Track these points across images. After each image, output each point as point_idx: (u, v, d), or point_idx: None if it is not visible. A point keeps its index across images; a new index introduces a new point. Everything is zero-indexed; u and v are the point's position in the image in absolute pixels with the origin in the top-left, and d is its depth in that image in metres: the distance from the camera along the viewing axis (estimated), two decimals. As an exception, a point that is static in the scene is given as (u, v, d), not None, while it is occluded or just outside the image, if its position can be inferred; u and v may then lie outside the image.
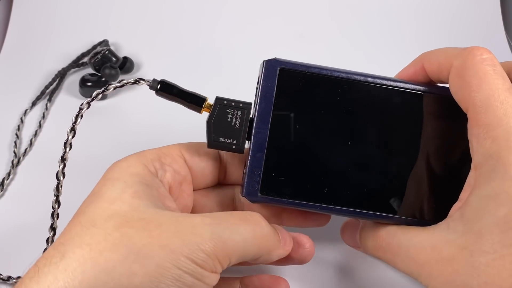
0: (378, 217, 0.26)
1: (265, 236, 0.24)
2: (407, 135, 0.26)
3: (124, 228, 0.21)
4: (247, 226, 0.23)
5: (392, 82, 0.27)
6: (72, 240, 0.21)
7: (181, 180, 0.27)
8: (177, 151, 0.27)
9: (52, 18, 0.50)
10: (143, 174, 0.24)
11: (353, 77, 0.26)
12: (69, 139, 0.27)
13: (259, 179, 0.26)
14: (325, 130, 0.26)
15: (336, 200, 0.26)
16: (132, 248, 0.20)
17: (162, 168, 0.26)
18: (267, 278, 0.28)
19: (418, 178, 0.26)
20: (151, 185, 0.24)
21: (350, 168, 0.26)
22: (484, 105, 0.22)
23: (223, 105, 0.26)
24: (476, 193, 0.22)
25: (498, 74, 0.23)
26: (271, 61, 0.26)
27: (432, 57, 0.26)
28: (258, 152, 0.26)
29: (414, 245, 0.24)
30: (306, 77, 0.26)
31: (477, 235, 0.21)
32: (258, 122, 0.26)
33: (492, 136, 0.22)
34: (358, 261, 0.32)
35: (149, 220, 0.22)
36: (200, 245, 0.21)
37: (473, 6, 0.52)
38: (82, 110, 0.27)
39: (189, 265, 0.21)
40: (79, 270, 0.20)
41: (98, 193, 0.23)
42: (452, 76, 0.24)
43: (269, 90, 0.26)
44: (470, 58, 0.23)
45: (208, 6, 0.51)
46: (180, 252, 0.21)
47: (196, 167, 0.27)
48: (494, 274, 0.20)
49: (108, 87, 0.28)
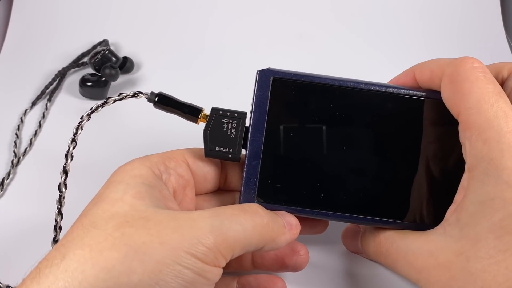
0: (375, 222, 0.26)
1: (266, 224, 0.24)
2: (402, 140, 0.27)
3: (124, 228, 0.21)
4: (246, 216, 0.23)
5: (384, 88, 0.27)
6: (73, 241, 0.21)
7: (184, 184, 0.27)
8: (181, 156, 0.27)
9: (52, 18, 0.50)
10: (146, 175, 0.24)
11: (346, 84, 0.27)
12: (70, 150, 0.27)
13: (256, 187, 0.27)
14: (319, 137, 0.27)
15: (332, 205, 0.27)
16: (131, 246, 0.20)
17: (167, 171, 0.26)
18: (264, 277, 0.28)
19: (415, 182, 0.26)
20: (154, 186, 0.24)
21: (345, 174, 0.27)
22: (475, 107, 0.23)
23: (219, 115, 0.27)
24: (471, 197, 0.23)
25: (489, 80, 0.23)
26: (264, 71, 0.27)
27: (424, 67, 0.26)
28: (253, 160, 0.27)
29: (412, 251, 0.24)
30: (300, 85, 0.27)
31: (473, 241, 0.22)
32: (253, 131, 0.27)
33: (483, 138, 0.22)
34: (356, 265, 0.32)
35: (149, 218, 0.22)
36: (200, 238, 0.21)
37: (473, 6, 0.52)
38: (83, 122, 0.28)
39: (189, 259, 0.21)
40: (79, 270, 0.20)
41: (101, 196, 0.23)
42: (444, 82, 0.25)
43: (263, 100, 0.27)
44: (462, 65, 0.24)
45: (208, 6, 0.51)
46: (180, 247, 0.21)
47: (199, 172, 0.28)
48: (490, 279, 0.21)
49: (107, 100, 0.28)
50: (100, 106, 0.28)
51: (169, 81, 0.45)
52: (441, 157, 0.26)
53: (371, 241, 0.27)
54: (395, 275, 0.31)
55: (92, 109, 0.28)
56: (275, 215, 0.25)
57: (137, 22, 0.50)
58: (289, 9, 0.51)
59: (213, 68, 0.46)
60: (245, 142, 0.27)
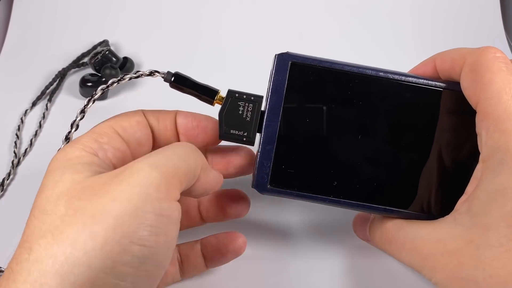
0: (387, 211, 0.27)
1: (195, 150, 0.25)
2: (417, 130, 0.27)
3: (73, 203, 0.21)
4: (176, 147, 0.24)
5: (403, 77, 0.27)
6: (33, 234, 0.21)
7: (123, 156, 0.26)
8: (110, 128, 0.26)
9: (52, 18, 0.50)
10: (81, 156, 0.24)
11: (364, 71, 0.27)
12: (72, 132, 0.27)
13: (269, 171, 0.27)
14: (335, 124, 0.27)
15: (345, 193, 0.27)
16: (87, 215, 0.20)
17: (101, 148, 0.25)
18: (224, 234, 0.29)
19: (427, 173, 0.26)
20: (91, 163, 0.24)
21: (359, 162, 0.27)
22: (495, 97, 0.23)
23: (235, 98, 0.27)
24: (483, 186, 0.23)
25: (511, 71, 0.23)
26: (283, 55, 0.27)
27: (445, 55, 0.26)
28: (268, 144, 0.26)
29: (420, 237, 0.24)
30: (318, 71, 0.27)
31: (484, 229, 0.22)
32: (269, 115, 0.27)
33: (501, 129, 0.22)
34: (358, 264, 0.32)
35: (92, 185, 0.22)
36: (146, 179, 0.21)
37: (473, 6, 0.52)
38: (96, 95, 0.28)
39: (146, 203, 0.21)
40: (48, 255, 0.20)
41: (42, 186, 0.23)
42: (465, 71, 0.24)
43: (280, 84, 0.26)
44: (484, 55, 0.24)
45: (208, 6, 0.51)
46: (132, 195, 0.21)
47: (131, 139, 0.27)
48: (499, 267, 0.21)
49: (123, 77, 0.28)
50: (116, 82, 0.28)
51: (169, 81, 0.45)
52: (455, 148, 0.26)
53: (379, 227, 0.27)
54: (395, 273, 0.31)
55: (108, 84, 0.28)
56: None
57: (138, 23, 0.50)
58: (289, 9, 0.51)
59: (213, 68, 0.46)
60: (260, 126, 0.27)
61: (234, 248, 0.29)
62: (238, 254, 0.29)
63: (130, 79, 0.28)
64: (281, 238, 0.33)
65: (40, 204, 0.22)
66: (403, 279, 0.31)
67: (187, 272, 0.30)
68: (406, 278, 0.31)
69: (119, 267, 0.20)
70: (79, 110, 0.28)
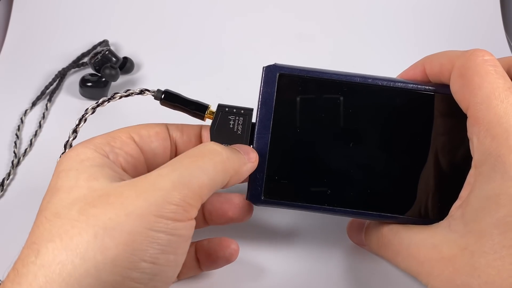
0: (381, 217, 0.26)
1: (226, 159, 0.24)
2: (408, 136, 0.27)
3: (88, 210, 0.21)
4: (205, 159, 0.23)
5: (392, 83, 0.27)
6: (42, 236, 0.21)
7: (135, 163, 0.26)
8: (126, 134, 0.26)
9: (52, 18, 0.50)
10: (93, 157, 0.24)
11: (353, 79, 0.27)
12: (70, 140, 0.27)
13: (262, 183, 0.27)
14: (326, 133, 0.27)
15: (339, 202, 0.27)
16: (99, 225, 0.20)
17: (113, 151, 0.25)
18: (217, 240, 0.29)
19: (421, 179, 0.26)
20: (104, 165, 0.24)
21: (352, 170, 0.27)
22: (484, 102, 0.22)
23: (225, 112, 0.27)
24: (477, 192, 0.22)
25: (499, 74, 0.23)
26: (270, 67, 0.27)
27: (434, 59, 0.26)
28: (260, 156, 0.26)
29: (415, 243, 0.24)
30: (306, 81, 0.27)
31: (478, 236, 0.22)
32: (259, 127, 0.27)
33: (492, 134, 0.22)
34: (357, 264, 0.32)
35: (109, 194, 0.21)
36: (165, 198, 0.21)
37: (473, 6, 0.52)
38: (87, 115, 0.28)
39: (160, 222, 0.21)
40: (56, 262, 0.20)
41: (54, 187, 0.23)
42: (454, 75, 0.24)
43: (269, 96, 0.27)
44: (473, 58, 0.23)
45: (208, 6, 0.51)
46: (148, 213, 0.20)
47: (147, 148, 0.27)
48: (494, 274, 0.21)
49: (114, 96, 0.28)
50: (106, 101, 0.28)
51: (169, 81, 0.45)
52: (447, 153, 0.26)
53: (374, 233, 0.27)
54: (393, 274, 0.31)
55: (97, 103, 0.28)
56: (233, 148, 0.25)
57: (138, 23, 0.50)
58: (289, 8, 0.51)
59: (213, 68, 0.46)
60: (252, 139, 0.27)
61: (224, 255, 0.28)
62: (229, 261, 0.28)
63: (121, 98, 0.28)
64: (278, 240, 0.33)
65: (53, 206, 0.22)
66: (399, 280, 0.31)
67: (182, 274, 0.29)
68: (403, 279, 0.31)
69: (128, 283, 0.20)
70: (71, 130, 0.28)
